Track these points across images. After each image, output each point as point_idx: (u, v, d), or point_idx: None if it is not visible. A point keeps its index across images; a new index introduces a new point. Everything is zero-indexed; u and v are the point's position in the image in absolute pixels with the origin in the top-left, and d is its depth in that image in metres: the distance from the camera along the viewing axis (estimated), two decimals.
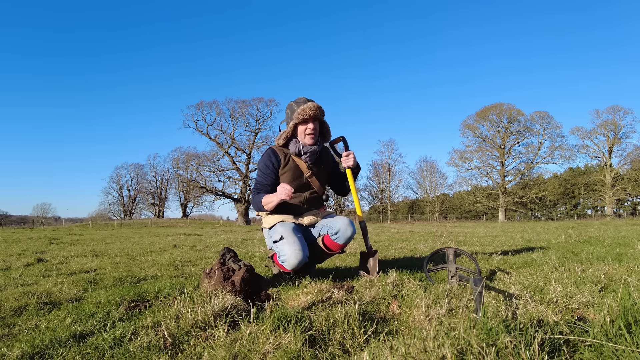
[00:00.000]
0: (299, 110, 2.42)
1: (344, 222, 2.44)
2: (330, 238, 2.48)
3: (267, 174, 2.50)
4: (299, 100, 2.50)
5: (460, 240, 6.50)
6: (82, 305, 2.14)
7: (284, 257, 2.29)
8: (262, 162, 2.54)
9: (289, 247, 2.26)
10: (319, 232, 2.56)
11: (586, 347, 1.16)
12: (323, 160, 2.63)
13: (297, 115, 2.42)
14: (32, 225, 40.87)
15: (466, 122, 43.94)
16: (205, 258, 4.66)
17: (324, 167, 2.64)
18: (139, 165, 54.01)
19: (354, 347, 1.39)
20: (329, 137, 2.65)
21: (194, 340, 1.49)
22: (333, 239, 2.47)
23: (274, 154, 2.53)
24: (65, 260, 4.71)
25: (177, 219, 47.55)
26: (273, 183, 2.51)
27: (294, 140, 2.52)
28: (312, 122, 2.46)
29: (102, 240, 9.64)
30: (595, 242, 5.57)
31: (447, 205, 50.12)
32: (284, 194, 2.21)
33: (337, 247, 2.51)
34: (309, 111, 2.40)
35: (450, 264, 2.46)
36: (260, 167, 2.55)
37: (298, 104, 2.47)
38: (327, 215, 2.62)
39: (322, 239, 2.54)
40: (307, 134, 2.45)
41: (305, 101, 2.47)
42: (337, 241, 2.47)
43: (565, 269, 2.74)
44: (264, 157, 2.54)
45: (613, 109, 39.04)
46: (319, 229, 2.56)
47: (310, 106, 2.41)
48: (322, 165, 2.62)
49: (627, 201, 43.38)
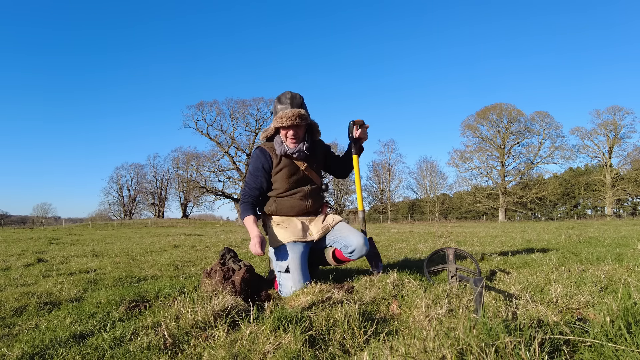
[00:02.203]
0: (278, 115, 2.30)
1: (359, 242, 2.36)
2: (344, 254, 2.45)
3: (257, 175, 2.42)
4: (283, 97, 2.35)
5: (460, 240, 6.50)
6: (82, 305, 2.14)
7: (284, 290, 2.24)
8: (252, 164, 2.45)
9: (292, 285, 2.23)
10: (331, 244, 2.51)
11: (586, 347, 1.16)
12: (316, 153, 2.55)
13: (276, 121, 2.31)
14: (32, 225, 40.86)
15: (466, 122, 43.97)
16: (205, 258, 4.66)
17: (317, 158, 2.57)
18: (139, 165, 54.10)
19: (354, 348, 1.39)
20: (318, 135, 2.54)
21: (194, 340, 1.49)
22: (347, 255, 2.44)
23: (264, 154, 2.42)
24: (65, 260, 4.71)
25: (177, 219, 47.56)
26: (262, 186, 2.43)
27: (278, 140, 2.41)
28: (292, 128, 2.33)
29: (102, 240, 9.64)
30: (595, 242, 5.56)
31: (447, 206, 50.10)
32: (254, 250, 2.20)
33: (347, 261, 2.51)
34: (287, 120, 2.27)
35: (450, 264, 2.46)
36: (251, 169, 2.46)
37: (281, 102, 2.34)
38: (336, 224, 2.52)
39: (334, 252, 2.50)
40: (289, 138, 2.35)
41: (287, 102, 2.32)
42: (350, 257, 2.44)
43: (566, 269, 2.74)
44: (254, 158, 2.45)
45: (613, 109, 39.04)
46: (331, 241, 2.50)
47: (288, 115, 2.26)
48: (314, 157, 2.55)
49: (627, 201, 43.38)
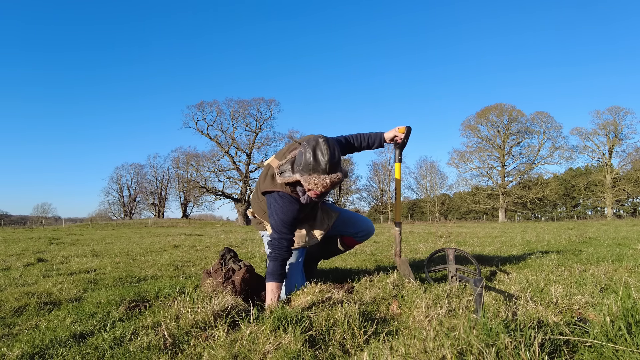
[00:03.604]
0: (311, 179, 1.90)
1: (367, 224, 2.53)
2: (355, 239, 2.58)
3: (295, 225, 2.15)
4: (319, 154, 1.88)
5: (460, 240, 6.50)
6: (82, 305, 2.14)
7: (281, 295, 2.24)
8: (288, 215, 2.10)
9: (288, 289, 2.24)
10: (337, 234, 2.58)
11: (586, 347, 1.16)
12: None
13: (307, 182, 1.93)
14: (32, 225, 40.89)
15: (466, 123, 43.98)
16: (206, 258, 4.66)
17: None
18: (139, 165, 54.19)
19: (354, 348, 1.39)
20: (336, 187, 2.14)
21: (194, 340, 1.49)
22: (357, 239, 2.58)
23: (298, 203, 2.12)
24: (65, 260, 4.71)
25: (177, 219, 47.59)
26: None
27: (301, 189, 2.09)
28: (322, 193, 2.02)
29: (102, 240, 9.64)
30: (595, 242, 5.56)
31: (448, 206, 50.10)
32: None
33: (356, 244, 2.65)
34: (322, 189, 1.91)
35: (450, 265, 2.46)
36: (284, 218, 2.10)
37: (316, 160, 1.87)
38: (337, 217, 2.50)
39: (342, 238, 2.61)
40: (314, 195, 2.04)
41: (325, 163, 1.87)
42: (360, 240, 2.60)
43: (566, 269, 2.74)
44: (288, 209, 2.10)
45: (613, 110, 39.06)
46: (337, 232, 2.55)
47: (327, 184, 1.88)
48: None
49: (627, 202, 43.37)
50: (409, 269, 2.39)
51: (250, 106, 40.37)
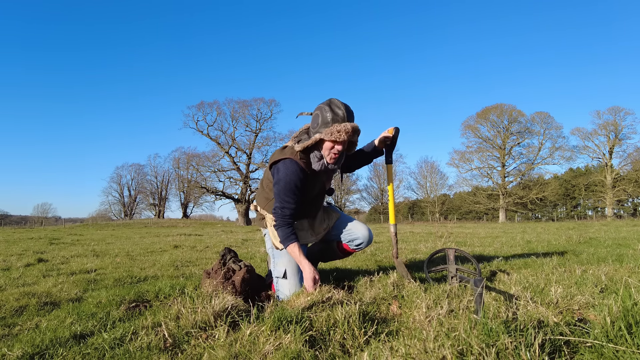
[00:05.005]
0: (333, 129, 2.02)
1: (364, 232, 2.40)
2: (350, 247, 2.48)
3: (296, 194, 2.16)
4: (336, 107, 2.05)
5: (460, 240, 6.50)
6: (83, 305, 2.14)
7: (281, 295, 2.25)
8: (292, 182, 2.13)
9: (288, 289, 2.23)
10: (335, 238, 2.52)
11: (587, 348, 1.16)
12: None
13: (330, 134, 2.03)
14: (33, 225, 40.91)
15: (467, 123, 43.97)
16: (206, 258, 4.66)
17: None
18: (140, 166, 54.27)
19: (354, 348, 1.39)
20: (353, 149, 2.27)
21: (194, 340, 1.49)
22: (354, 247, 2.47)
23: (302, 172, 2.16)
24: (65, 260, 4.71)
25: (177, 219, 47.61)
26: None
27: (316, 154, 2.16)
28: (343, 144, 2.10)
29: (103, 240, 9.64)
30: (595, 243, 5.56)
31: (448, 206, 50.08)
32: (309, 286, 2.09)
33: (352, 252, 2.54)
34: (345, 135, 2.02)
35: (450, 265, 2.46)
36: (286, 186, 2.13)
37: (334, 112, 2.04)
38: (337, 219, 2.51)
39: (338, 244, 2.52)
40: (333, 153, 2.11)
41: (343, 113, 2.04)
42: (356, 249, 2.48)
43: (566, 269, 2.74)
44: (293, 175, 2.13)
45: (614, 110, 39.03)
46: (335, 236, 2.50)
47: (348, 129, 2.02)
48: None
49: (627, 202, 43.34)
50: (405, 270, 2.41)
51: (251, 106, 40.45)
